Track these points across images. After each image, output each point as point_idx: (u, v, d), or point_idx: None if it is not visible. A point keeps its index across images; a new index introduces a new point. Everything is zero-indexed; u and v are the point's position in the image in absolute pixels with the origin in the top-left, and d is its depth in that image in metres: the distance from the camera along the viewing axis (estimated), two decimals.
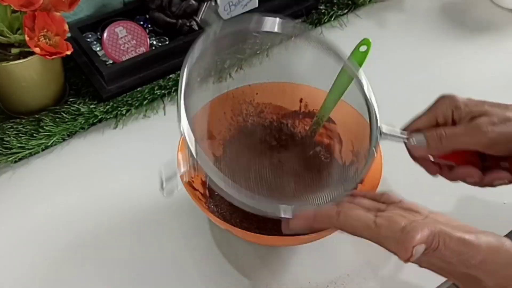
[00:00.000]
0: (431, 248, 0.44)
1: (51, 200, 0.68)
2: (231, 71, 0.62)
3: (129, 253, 0.63)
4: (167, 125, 0.77)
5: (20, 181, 0.71)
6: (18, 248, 0.64)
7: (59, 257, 0.63)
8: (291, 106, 0.68)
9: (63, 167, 0.72)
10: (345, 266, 0.62)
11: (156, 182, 0.70)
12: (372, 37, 0.63)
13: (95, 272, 0.62)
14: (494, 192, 0.70)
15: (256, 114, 0.68)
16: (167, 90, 0.80)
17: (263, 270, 0.62)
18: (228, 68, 0.60)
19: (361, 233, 0.47)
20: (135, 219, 0.66)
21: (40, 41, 0.68)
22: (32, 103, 0.75)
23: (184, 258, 0.63)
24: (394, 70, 0.87)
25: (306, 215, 0.50)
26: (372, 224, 0.46)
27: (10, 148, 0.71)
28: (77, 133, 0.76)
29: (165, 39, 0.87)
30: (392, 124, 0.57)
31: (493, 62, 0.88)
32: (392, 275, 0.62)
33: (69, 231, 0.65)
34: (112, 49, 0.81)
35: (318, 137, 0.67)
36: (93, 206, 0.68)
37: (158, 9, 0.86)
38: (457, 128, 0.54)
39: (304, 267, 0.62)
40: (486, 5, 1.00)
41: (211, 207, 0.64)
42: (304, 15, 0.94)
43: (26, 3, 0.66)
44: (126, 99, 0.79)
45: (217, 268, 0.62)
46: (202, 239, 0.65)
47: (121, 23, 0.83)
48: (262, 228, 0.62)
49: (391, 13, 0.98)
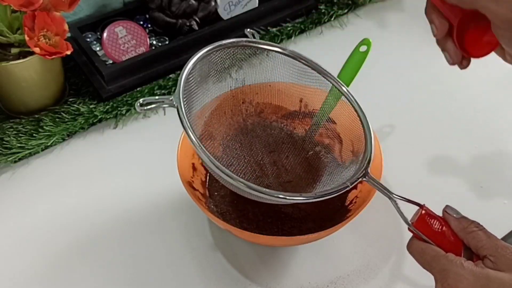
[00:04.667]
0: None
1: (51, 200, 0.68)
2: (231, 71, 0.62)
3: (129, 252, 0.63)
4: (167, 125, 0.77)
5: (20, 181, 0.71)
6: (18, 248, 0.64)
7: (59, 257, 0.63)
8: (291, 106, 0.68)
9: (63, 167, 0.72)
10: (345, 266, 0.62)
11: (156, 183, 0.70)
12: (372, 37, 0.63)
13: (95, 272, 0.62)
14: (494, 192, 0.70)
15: (256, 114, 0.68)
16: (167, 90, 0.80)
17: (263, 270, 0.62)
18: (228, 68, 0.60)
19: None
20: (135, 219, 0.66)
21: (40, 41, 0.68)
22: (32, 103, 0.75)
23: (184, 258, 0.63)
24: (394, 70, 0.86)
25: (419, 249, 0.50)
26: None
27: (10, 148, 0.71)
28: (77, 133, 0.76)
29: (165, 39, 0.87)
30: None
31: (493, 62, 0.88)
32: (392, 276, 0.62)
33: (69, 231, 0.65)
34: (112, 49, 0.81)
35: (318, 137, 0.67)
36: (93, 206, 0.68)
37: (158, 9, 0.86)
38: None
39: (304, 268, 0.62)
40: None
41: (211, 207, 0.64)
42: (304, 15, 0.94)
43: (26, 3, 0.66)
44: (126, 99, 0.79)
45: (217, 268, 0.62)
46: (202, 239, 0.65)
47: (121, 23, 0.83)
48: (261, 228, 0.62)
49: (391, 13, 0.98)
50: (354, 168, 0.57)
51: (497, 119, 0.79)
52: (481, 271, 0.46)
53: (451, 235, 0.50)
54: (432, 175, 0.71)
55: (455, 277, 0.46)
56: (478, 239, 0.48)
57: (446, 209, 0.51)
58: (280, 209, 0.64)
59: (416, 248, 0.50)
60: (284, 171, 0.65)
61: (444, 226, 0.50)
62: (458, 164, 0.74)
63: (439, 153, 0.75)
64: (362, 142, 0.58)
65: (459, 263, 0.47)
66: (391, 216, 0.67)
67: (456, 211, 0.51)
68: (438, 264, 0.48)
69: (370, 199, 0.58)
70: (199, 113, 0.65)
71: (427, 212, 0.51)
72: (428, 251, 0.49)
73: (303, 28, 0.92)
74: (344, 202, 0.65)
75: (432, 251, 0.49)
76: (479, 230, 0.49)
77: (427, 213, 0.51)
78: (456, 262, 0.47)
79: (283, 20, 0.92)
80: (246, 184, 0.50)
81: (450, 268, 0.47)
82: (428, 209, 0.51)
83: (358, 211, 0.58)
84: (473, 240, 0.48)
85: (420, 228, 0.50)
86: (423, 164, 0.73)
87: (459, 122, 0.78)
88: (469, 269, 0.46)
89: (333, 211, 0.64)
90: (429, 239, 0.50)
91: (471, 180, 0.71)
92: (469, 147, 0.75)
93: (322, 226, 0.61)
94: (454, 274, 0.47)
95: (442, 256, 0.48)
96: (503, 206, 0.68)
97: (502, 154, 0.75)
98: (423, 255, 0.49)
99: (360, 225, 0.65)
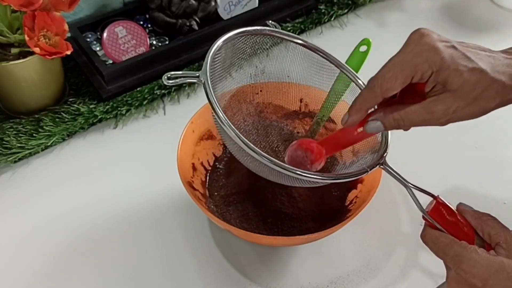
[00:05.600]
0: None
1: (51, 200, 0.68)
2: (231, 71, 0.62)
3: (129, 252, 0.63)
4: (167, 125, 0.77)
5: (20, 181, 0.71)
6: (18, 248, 0.64)
7: (59, 257, 0.63)
8: (291, 106, 0.68)
9: (63, 167, 0.72)
10: (345, 266, 0.63)
11: (156, 183, 0.70)
12: (372, 37, 0.63)
13: (95, 272, 0.62)
14: (494, 192, 0.70)
15: (256, 114, 0.68)
16: (167, 90, 0.80)
17: (263, 270, 0.62)
18: (228, 68, 0.60)
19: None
20: (135, 219, 0.66)
21: (40, 41, 0.68)
22: (32, 103, 0.75)
23: (184, 258, 0.63)
24: None
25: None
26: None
27: (10, 148, 0.71)
28: (77, 133, 0.76)
29: (165, 39, 0.87)
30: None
31: None
32: (392, 276, 0.62)
33: (69, 231, 0.65)
34: (112, 49, 0.81)
35: (318, 137, 0.67)
36: (93, 206, 0.68)
37: (158, 9, 0.86)
38: (414, 107, 0.50)
39: (304, 267, 0.62)
40: (486, 5, 1.00)
41: (211, 207, 0.64)
42: (304, 15, 0.94)
43: (26, 3, 0.66)
44: (126, 99, 0.79)
45: (217, 268, 0.62)
46: (202, 239, 0.65)
47: (121, 23, 0.83)
48: (261, 228, 0.62)
49: (391, 13, 0.98)
50: (370, 158, 0.58)
51: (497, 119, 0.79)
52: (495, 258, 0.47)
53: (464, 226, 0.51)
54: (432, 175, 0.71)
55: (469, 262, 0.48)
56: (492, 226, 0.50)
57: (460, 205, 0.53)
58: (280, 209, 0.64)
59: (430, 237, 0.51)
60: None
61: (458, 216, 0.52)
62: (458, 164, 0.74)
63: (439, 153, 0.75)
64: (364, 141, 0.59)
65: (473, 249, 0.48)
66: (391, 216, 0.67)
67: (470, 207, 0.53)
68: (452, 250, 0.49)
69: (370, 199, 0.59)
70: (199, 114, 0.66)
71: (441, 202, 0.52)
72: (442, 239, 0.50)
73: (303, 28, 0.92)
74: (344, 202, 0.65)
75: (446, 239, 0.50)
76: (493, 219, 0.51)
77: (441, 203, 0.52)
78: (470, 248, 0.48)
79: (283, 20, 0.92)
80: (270, 159, 0.50)
81: (465, 254, 0.48)
82: (442, 199, 0.52)
83: (358, 211, 0.58)
84: (487, 227, 0.50)
85: (435, 217, 0.51)
86: (422, 164, 0.73)
87: (459, 122, 0.78)
88: (483, 255, 0.48)
89: (333, 211, 0.64)
90: (443, 227, 0.51)
91: (471, 180, 0.71)
92: (469, 147, 0.75)
93: (322, 226, 0.61)
94: (468, 260, 0.48)
95: (456, 243, 0.49)
96: (503, 206, 0.68)
97: (502, 154, 0.75)
98: (437, 242, 0.50)
99: (360, 225, 0.65)
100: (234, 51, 0.59)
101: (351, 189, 0.65)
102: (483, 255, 0.48)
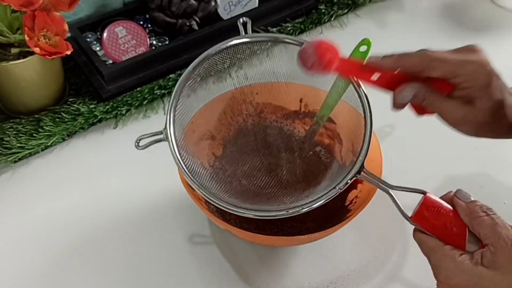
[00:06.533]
0: None
1: (51, 200, 0.68)
2: (231, 71, 0.62)
3: (129, 253, 0.63)
4: None
5: (20, 181, 0.71)
6: (18, 248, 0.64)
7: (59, 257, 0.63)
8: (291, 106, 0.68)
9: (63, 167, 0.72)
10: (345, 266, 0.62)
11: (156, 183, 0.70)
12: (372, 37, 0.63)
13: (95, 272, 0.62)
14: (494, 192, 0.70)
15: (256, 114, 0.68)
16: (167, 90, 0.80)
17: (263, 270, 0.62)
18: (228, 68, 0.60)
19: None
20: (135, 219, 0.66)
21: (40, 41, 0.68)
22: (32, 103, 0.75)
23: (184, 258, 0.63)
24: None
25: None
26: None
27: (10, 148, 0.71)
28: (77, 133, 0.76)
29: (165, 39, 0.87)
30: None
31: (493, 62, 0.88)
32: (392, 276, 0.62)
33: (69, 231, 0.65)
34: (112, 49, 0.81)
35: (318, 137, 0.67)
36: (93, 206, 0.68)
37: (158, 9, 0.86)
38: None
39: (304, 268, 0.62)
40: (486, 5, 1.00)
41: (211, 207, 0.63)
42: (304, 15, 0.94)
43: (26, 3, 0.66)
44: (126, 99, 0.79)
45: (216, 268, 0.62)
46: (202, 238, 0.65)
47: (121, 23, 0.83)
48: (261, 228, 0.62)
49: (391, 13, 0.98)
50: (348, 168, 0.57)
51: None
52: (474, 269, 0.45)
53: (453, 226, 0.48)
54: (432, 175, 0.71)
55: (446, 273, 0.46)
56: (482, 226, 0.47)
57: (456, 194, 0.50)
58: None
59: (417, 240, 0.50)
60: (285, 172, 0.65)
61: (448, 214, 0.49)
62: (458, 164, 0.74)
63: (439, 153, 0.75)
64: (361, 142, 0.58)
65: (452, 259, 0.46)
66: (391, 216, 0.67)
67: (467, 196, 0.49)
68: (434, 257, 0.48)
69: (370, 199, 0.58)
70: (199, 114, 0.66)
71: (429, 201, 0.50)
72: (427, 243, 0.49)
73: (303, 28, 0.92)
74: (344, 202, 0.65)
75: (431, 243, 0.48)
76: (486, 216, 0.47)
77: (429, 203, 0.49)
78: (450, 257, 0.46)
79: (283, 20, 0.92)
80: (235, 210, 0.53)
81: (443, 264, 0.46)
82: (431, 197, 0.50)
83: (358, 211, 0.58)
84: (477, 227, 0.47)
85: (419, 221, 0.49)
86: (422, 164, 0.73)
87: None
88: (462, 266, 0.46)
89: (333, 211, 0.64)
90: (428, 232, 0.49)
91: (471, 180, 0.71)
92: (469, 147, 0.75)
93: (322, 226, 0.61)
94: (446, 270, 0.46)
95: (439, 249, 0.47)
96: (503, 206, 0.68)
97: (502, 154, 0.75)
98: (423, 247, 0.49)
99: (360, 225, 0.65)
100: (208, 69, 0.59)
101: (351, 189, 0.65)
102: (462, 266, 0.45)
